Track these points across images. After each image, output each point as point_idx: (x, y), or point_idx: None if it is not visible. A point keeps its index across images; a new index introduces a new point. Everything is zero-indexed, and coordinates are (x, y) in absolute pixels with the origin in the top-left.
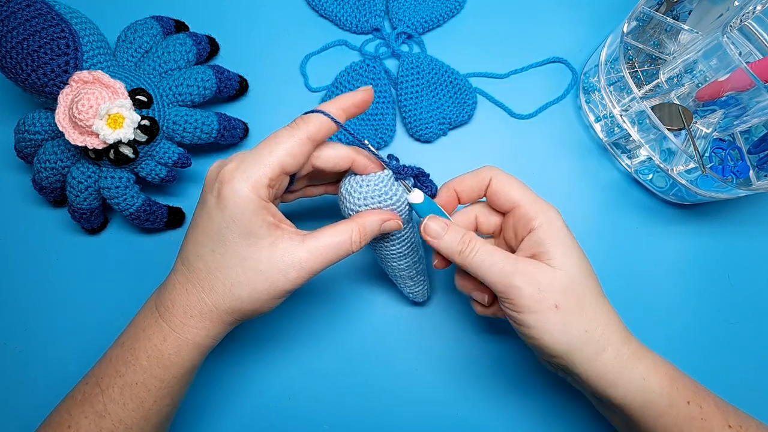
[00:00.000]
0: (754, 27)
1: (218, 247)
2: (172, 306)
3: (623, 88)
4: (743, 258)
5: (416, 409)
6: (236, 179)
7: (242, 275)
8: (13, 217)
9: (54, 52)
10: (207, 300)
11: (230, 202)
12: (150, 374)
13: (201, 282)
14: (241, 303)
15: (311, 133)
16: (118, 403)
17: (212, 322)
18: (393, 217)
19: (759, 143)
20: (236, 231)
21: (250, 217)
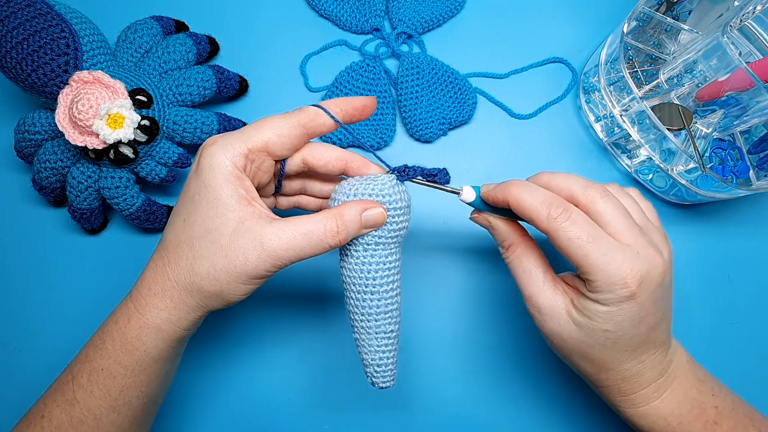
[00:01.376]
0: (754, 27)
1: (189, 215)
2: (140, 284)
3: (623, 88)
4: (743, 258)
5: (416, 409)
6: (215, 145)
7: (204, 248)
8: (13, 217)
9: (54, 52)
10: (170, 274)
11: (205, 167)
12: (114, 360)
13: (168, 255)
14: (200, 280)
15: (303, 120)
16: (86, 390)
17: (173, 302)
18: (374, 205)
19: (759, 143)
20: (206, 197)
21: (221, 182)
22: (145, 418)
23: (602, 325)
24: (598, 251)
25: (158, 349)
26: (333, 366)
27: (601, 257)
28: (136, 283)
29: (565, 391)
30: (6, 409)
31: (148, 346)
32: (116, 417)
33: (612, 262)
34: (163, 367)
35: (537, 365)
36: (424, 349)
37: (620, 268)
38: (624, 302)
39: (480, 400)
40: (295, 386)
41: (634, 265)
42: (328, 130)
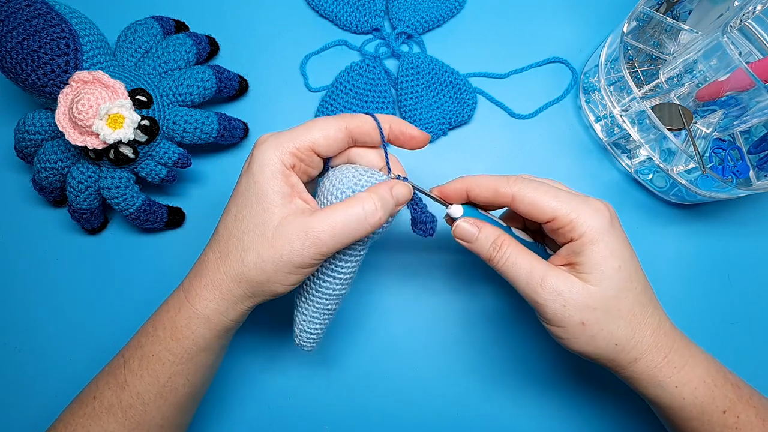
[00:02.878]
0: (754, 27)
1: (240, 211)
2: (193, 276)
3: (623, 88)
4: (743, 258)
5: (416, 409)
6: (266, 143)
7: (252, 241)
8: (13, 217)
9: (54, 52)
10: (221, 266)
11: (255, 165)
12: (164, 346)
13: (220, 248)
14: (248, 270)
15: (351, 125)
16: (137, 375)
17: (221, 293)
18: (398, 183)
19: (759, 143)
20: (254, 192)
21: (268, 178)
22: (188, 407)
23: (605, 268)
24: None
25: (205, 338)
26: (333, 366)
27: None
28: (189, 274)
29: (567, 391)
30: (6, 408)
31: (197, 335)
32: (162, 403)
33: (581, 199)
34: (209, 357)
35: (539, 364)
36: (424, 348)
37: (587, 199)
38: (608, 234)
39: (480, 399)
40: (295, 386)
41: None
42: (371, 142)
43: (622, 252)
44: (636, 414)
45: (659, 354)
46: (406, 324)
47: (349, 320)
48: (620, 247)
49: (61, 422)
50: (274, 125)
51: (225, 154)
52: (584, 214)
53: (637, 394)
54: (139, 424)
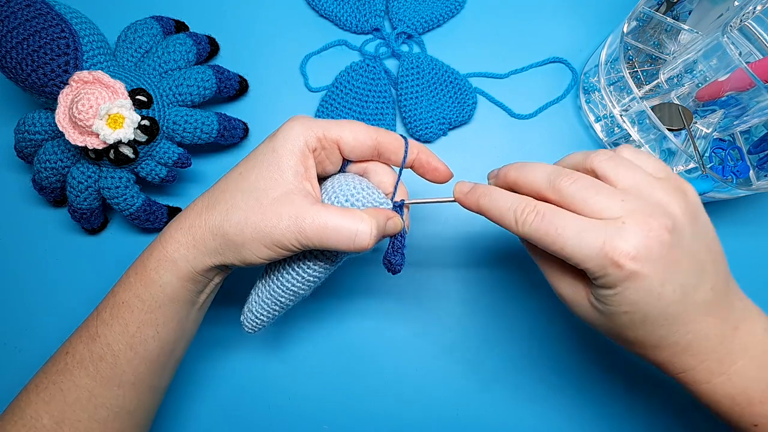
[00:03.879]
0: (754, 27)
1: (247, 170)
2: (173, 221)
3: (623, 88)
4: (743, 258)
5: (416, 409)
6: (296, 121)
7: (244, 201)
8: (13, 217)
9: (54, 52)
10: (203, 214)
11: (280, 135)
12: (133, 293)
13: (210, 198)
14: (228, 227)
15: (382, 138)
16: (107, 325)
17: (194, 240)
18: (394, 215)
19: (759, 143)
20: (269, 159)
21: (288, 152)
22: (160, 365)
23: (618, 308)
24: (571, 240)
25: (172, 285)
26: (333, 365)
27: (576, 244)
28: (172, 222)
29: (567, 390)
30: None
31: (164, 281)
32: (133, 356)
33: (591, 245)
34: (178, 310)
35: (539, 363)
36: (424, 348)
37: (602, 249)
38: (627, 281)
39: (480, 399)
40: (295, 385)
41: (619, 242)
42: (394, 162)
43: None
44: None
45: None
46: (406, 324)
47: (350, 320)
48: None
49: (33, 383)
50: (274, 125)
51: (225, 154)
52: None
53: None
54: (109, 378)
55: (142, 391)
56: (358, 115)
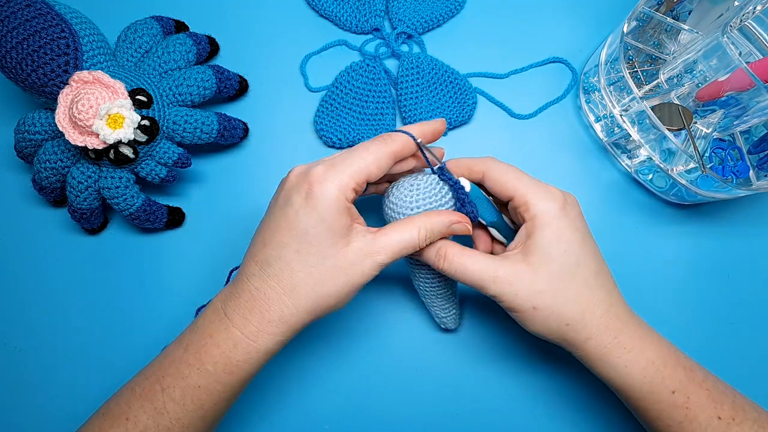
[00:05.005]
0: (754, 27)
1: (303, 247)
2: (249, 313)
3: (623, 88)
4: (743, 258)
5: (417, 410)
6: (328, 180)
7: (324, 273)
8: (13, 217)
9: (54, 52)
10: (288, 302)
11: (320, 203)
12: (215, 379)
13: (282, 284)
14: (323, 300)
15: (397, 149)
16: (178, 404)
17: (289, 326)
18: (463, 220)
19: (759, 143)
20: (322, 230)
21: (336, 216)
22: (221, 420)
23: (551, 250)
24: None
25: (260, 365)
26: (333, 365)
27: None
28: (239, 308)
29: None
30: (6, 408)
31: (253, 367)
32: (202, 425)
33: (540, 185)
34: (252, 379)
35: (538, 362)
36: (425, 348)
37: (546, 186)
38: (558, 218)
39: (481, 399)
40: (295, 385)
41: (555, 188)
42: (409, 153)
43: (571, 236)
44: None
45: (609, 335)
46: (406, 324)
47: (349, 320)
48: (569, 232)
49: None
50: (274, 125)
51: (225, 154)
52: (537, 197)
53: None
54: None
55: None
56: (358, 115)
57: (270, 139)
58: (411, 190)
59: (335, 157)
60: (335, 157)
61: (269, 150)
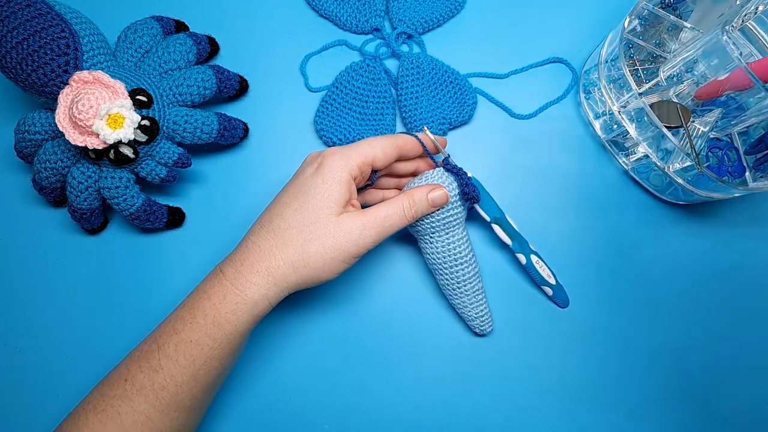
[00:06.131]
0: (755, 28)
1: (302, 205)
2: (240, 265)
3: (623, 85)
4: (739, 258)
5: (416, 409)
6: (336, 155)
7: (314, 232)
8: (13, 217)
9: (54, 52)
10: (278, 254)
11: (326, 169)
12: (204, 332)
13: (276, 237)
14: (308, 257)
15: (402, 143)
16: (172, 359)
17: (274, 279)
18: (436, 188)
19: (756, 144)
20: (321, 192)
21: (338, 186)
22: (215, 389)
23: None
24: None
25: (247, 323)
26: (334, 365)
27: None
28: (233, 262)
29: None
30: (6, 408)
31: (240, 321)
32: (194, 385)
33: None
34: (243, 341)
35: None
36: (425, 348)
37: None
38: None
39: (481, 401)
40: (296, 385)
41: None
42: (412, 155)
43: None
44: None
45: None
46: (406, 324)
47: (350, 320)
48: None
49: (90, 403)
50: (274, 125)
51: (225, 154)
52: None
53: None
54: (168, 404)
55: (195, 412)
56: (358, 115)
57: (270, 139)
58: (421, 180)
59: (349, 144)
60: (350, 144)
61: (269, 150)
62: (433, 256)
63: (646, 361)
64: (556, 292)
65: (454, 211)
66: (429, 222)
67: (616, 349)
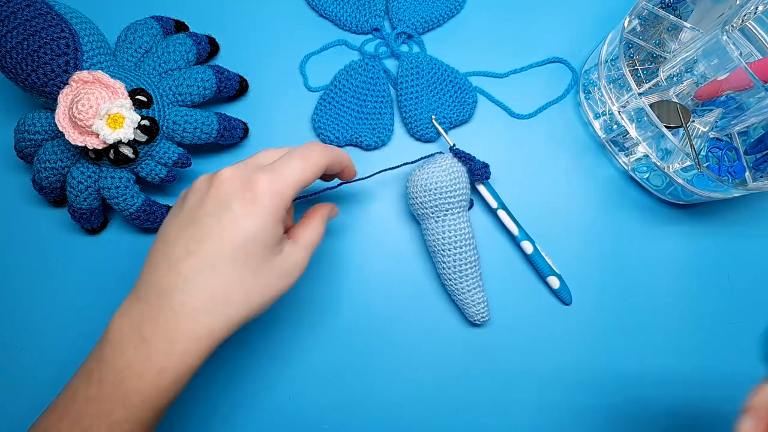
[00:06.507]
0: (755, 28)
1: (240, 255)
2: (173, 334)
3: (623, 85)
4: (739, 258)
5: (417, 409)
6: (273, 190)
7: (258, 283)
8: (13, 217)
9: (54, 52)
10: (219, 316)
11: (265, 211)
12: (143, 411)
13: (214, 297)
14: (254, 310)
15: (331, 162)
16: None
17: (218, 340)
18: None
19: (756, 144)
20: (263, 239)
21: (276, 226)
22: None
23: None
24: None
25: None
26: (334, 365)
27: None
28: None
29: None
30: (6, 409)
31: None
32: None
33: None
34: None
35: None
36: (424, 349)
37: None
38: None
39: (481, 402)
40: (296, 385)
41: None
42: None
43: None
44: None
45: None
46: (406, 324)
47: (349, 321)
48: None
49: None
50: (274, 125)
51: (225, 154)
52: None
53: None
54: None
55: None
56: (357, 114)
57: (270, 139)
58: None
59: (276, 166)
60: (276, 165)
61: None
62: (437, 239)
63: (645, 361)
64: (562, 283)
65: (460, 194)
66: (436, 205)
67: (615, 349)
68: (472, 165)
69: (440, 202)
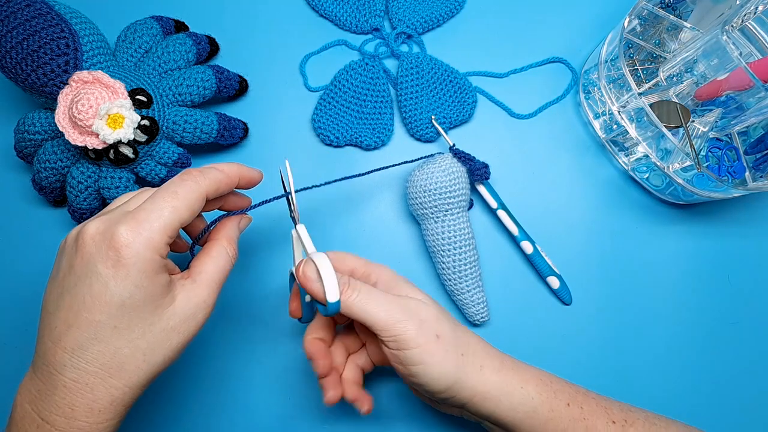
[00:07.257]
0: (755, 28)
1: (121, 321)
2: (71, 410)
3: (623, 85)
4: (739, 258)
5: (416, 411)
6: (138, 242)
7: (154, 340)
8: (13, 217)
9: (54, 52)
10: (117, 384)
11: (134, 269)
12: None
13: (106, 367)
14: (157, 368)
15: (210, 189)
16: None
17: (124, 405)
18: (243, 217)
19: (756, 144)
20: (141, 297)
21: (154, 278)
22: None
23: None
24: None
25: None
26: None
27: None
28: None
29: None
30: (7, 409)
31: None
32: None
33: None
34: None
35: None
36: None
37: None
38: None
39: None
40: (296, 386)
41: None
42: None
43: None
44: None
45: (495, 359)
46: None
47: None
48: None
49: None
50: (274, 125)
51: (225, 154)
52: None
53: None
54: None
55: None
56: (356, 114)
57: (270, 139)
58: (429, 163)
59: (139, 212)
60: (139, 211)
61: (269, 150)
62: (436, 239)
63: (645, 361)
64: (562, 283)
65: (460, 194)
66: (435, 205)
67: (614, 348)
68: (471, 165)
69: (440, 203)
